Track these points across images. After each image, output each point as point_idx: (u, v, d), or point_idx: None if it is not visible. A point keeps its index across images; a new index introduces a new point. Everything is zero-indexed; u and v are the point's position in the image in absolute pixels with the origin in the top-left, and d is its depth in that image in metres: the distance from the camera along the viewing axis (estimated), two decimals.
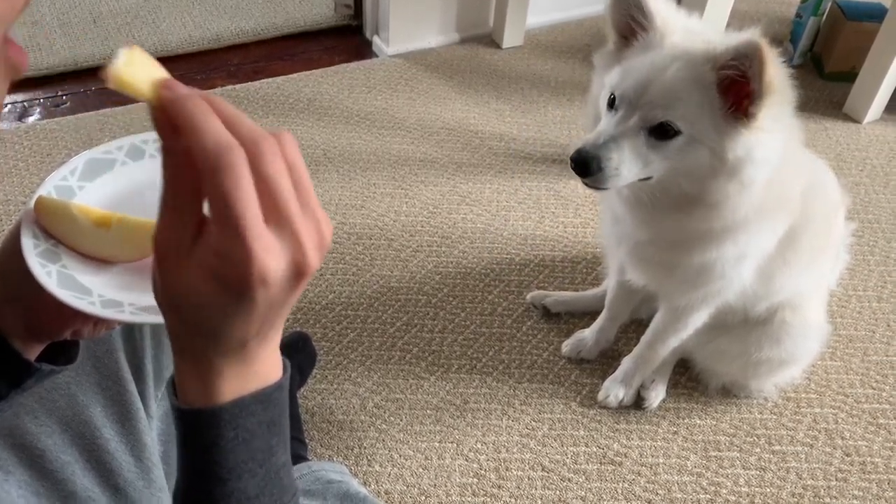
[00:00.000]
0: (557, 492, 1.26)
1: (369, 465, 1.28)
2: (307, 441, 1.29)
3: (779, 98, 0.90)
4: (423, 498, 1.24)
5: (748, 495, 1.28)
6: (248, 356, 0.46)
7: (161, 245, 0.42)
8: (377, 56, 2.30)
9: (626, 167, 0.96)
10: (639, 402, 1.39)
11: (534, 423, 1.36)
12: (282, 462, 0.50)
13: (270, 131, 0.42)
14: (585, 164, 0.96)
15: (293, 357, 1.33)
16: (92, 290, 0.56)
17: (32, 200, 0.58)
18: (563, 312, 1.54)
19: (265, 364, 0.47)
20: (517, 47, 2.35)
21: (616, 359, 1.44)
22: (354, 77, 2.18)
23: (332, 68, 2.22)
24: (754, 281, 1.16)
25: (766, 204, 1.02)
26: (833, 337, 1.50)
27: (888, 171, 1.97)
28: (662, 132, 0.93)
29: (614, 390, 1.38)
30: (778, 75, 0.88)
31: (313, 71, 2.20)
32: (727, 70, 0.88)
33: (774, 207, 1.06)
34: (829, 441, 1.36)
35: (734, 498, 1.27)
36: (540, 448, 1.32)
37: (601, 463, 1.31)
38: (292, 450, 1.19)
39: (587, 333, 1.46)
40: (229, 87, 2.10)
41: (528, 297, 1.55)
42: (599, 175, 0.96)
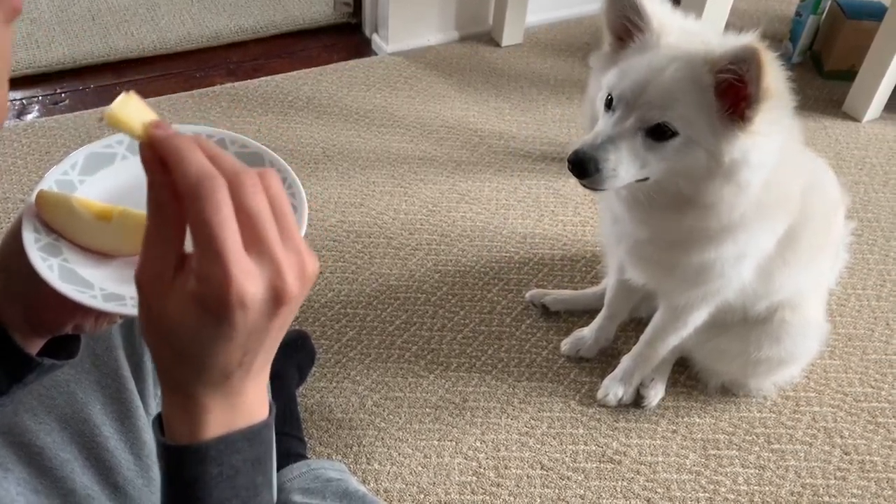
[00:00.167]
0: (557, 490, 1.26)
1: (368, 464, 1.28)
2: (306, 439, 1.28)
3: (776, 102, 0.90)
4: (422, 496, 1.24)
5: (747, 494, 1.28)
6: (233, 390, 0.46)
7: (144, 277, 0.43)
8: (376, 54, 2.30)
9: (623, 168, 0.95)
10: (638, 401, 1.39)
11: (533, 422, 1.36)
12: (266, 502, 0.50)
13: (256, 170, 0.44)
14: (583, 165, 0.95)
15: (292, 355, 1.33)
16: (93, 284, 0.56)
17: (33, 195, 0.58)
18: (563, 311, 1.54)
19: (251, 400, 0.48)
20: (516, 45, 2.35)
21: (615, 357, 1.44)
22: (353, 75, 2.18)
23: (332, 66, 2.21)
24: (754, 280, 1.16)
25: (765, 204, 1.02)
26: (832, 336, 1.50)
27: (887, 169, 1.97)
28: (659, 133, 0.93)
29: (613, 389, 1.38)
30: (776, 80, 0.88)
31: (312, 69, 2.19)
32: (725, 73, 0.88)
33: (774, 207, 1.05)
34: (828, 439, 1.36)
35: (733, 496, 1.27)
36: (539, 446, 1.32)
37: (600, 461, 1.31)
38: (292, 448, 1.20)
39: (586, 332, 1.46)
40: (228, 84, 2.10)
41: (527, 295, 1.55)
42: (597, 176, 0.96)
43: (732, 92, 0.89)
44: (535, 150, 1.96)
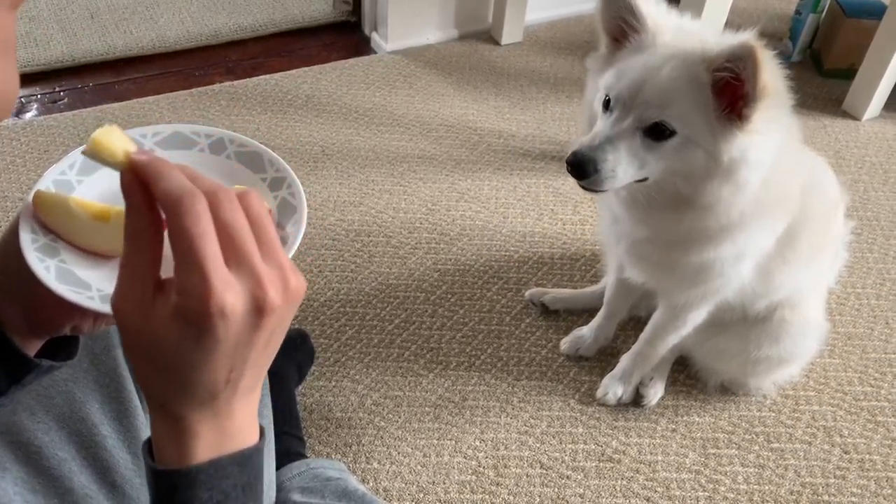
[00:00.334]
0: (556, 489, 1.26)
1: (367, 463, 1.28)
2: (305, 438, 1.28)
3: (774, 101, 0.89)
4: (422, 495, 1.24)
5: (746, 493, 1.28)
6: (221, 410, 0.46)
7: (122, 302, 0.44)
8: (375, 52, 2.29)
9: (622, 168, 0.95)
10: (637, 400, 1.39)
11: (532, 421, 1.36)
12: None
13: (237, 190, 0.45)
14: (581, 166, 0.95)
15: (292, 354, 1.33)
16: (91, 285, 0.56)
17: (30, 195, 0.58)
18: (562, 310, 1.54)
19: (241, 423, 0.47)
20: (516, 44, 2.35)
21: (615, 356, 1.44)
22: (353, 74, 2.18)
23: (331, 65, 2.21)
24: (753, 279, 1.16)
25: (764, 203, 1.01)
26: (832, 335, 1.50)
27: (887, 168, 1.97)
28: (658, 132, 0.93)
29: (613, 388, 1.38)
30: (773, 79, 0.87)
31: (311, 67, 2.19)
32: (721, 71, 0.88)
33: (773, 206, 1.05)
34: (828, 438, 1.36)
35: (732, 495, 1.27)
36: (538, 445, 1.32)
37: (600, 460, 1.31)
38: (292, 447, 1.20)
39: (586, 331, 1.46)
40: (227, 83, 2.10)
41: (527, 294, 1.55)
42: (596, 177, 0.96)
43: (730, 90, 0.89)
44: (535, 149, 1.96)
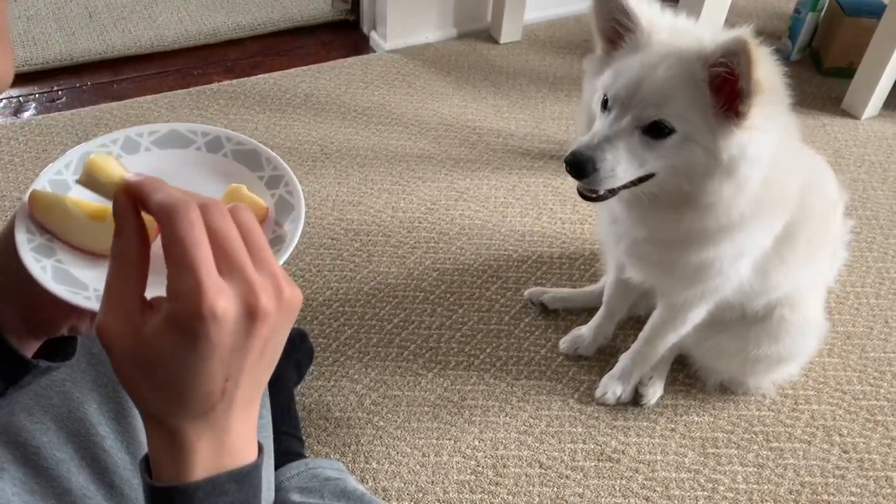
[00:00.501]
0: (555, 489, 1.26)
1: (366, 462, 1.28)
2: (304, 438, 1.28)
3: (770, 97, 0.89)
4: (421, 495, 1.24)
5: (746, 492, 1.28)
6: (218, 423, 0.46)
7: (110, 320, 0.44)
8: (374, 51, 2.29)
9: (621, 167, 0.95)
10: (637, 399, 1.39)
11: (531, 420, 1.36)
12: None
13: (228, 205, 0.46)
14: (580, 165, 0.95)
15: (291, 354, 1.33)
16: (88, 285, 0.55)
17: (27, 195, 0.57)
18: (561, 309, 1.54)
19: (238, 437, 0.47)
20: (515, 42, 2.34)
21: (614, 355, 1.44)
22: (351, 72, 2.18)
23: (329, 64, 2.21)
24: (752, 277, 1.16)
25: (763, 202, 1.01)
26: (831, 334, 1.49)
27: (886, 167, 1.97)
28: (656, 131, 0.93)
29: (612, 387, 1.38)
30: (767, 73, 0.87)
31: (310, 66, 2.19)
32: (717, 68, 0.88)
33: (772, 205, 1.05)
34: (827, 438, 1.36)
35: (732, 495, 1.27)
36: (538, 445, 1.32)
37: (599, 460, 1.31)
38: (290, 447, 1.20)
39: (585, 330, 1.46)
40: (226, 82, 2.10)
41: (526, 293, 1.55)
42: (595, 176, 0.95)
43: (727, 88, 0.89)
44: (534, 148, 1.96)
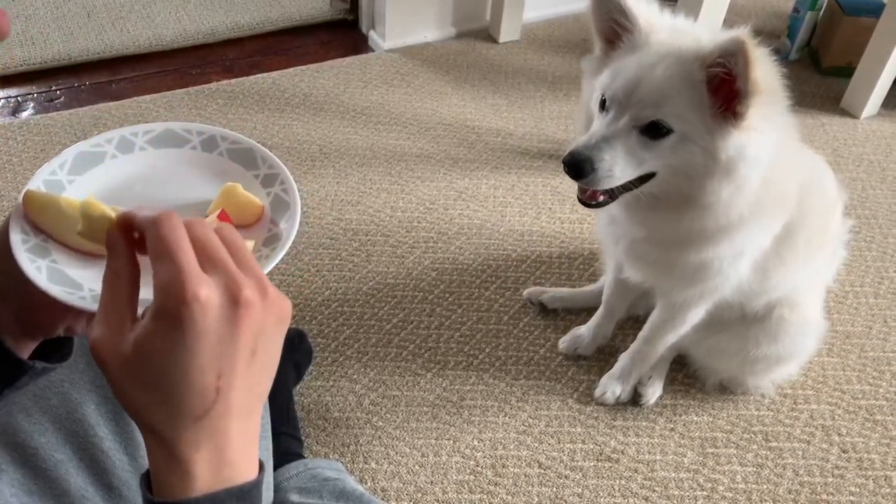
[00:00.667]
0: (554, 489, 1.26)
1: (365, 463, 1.27)
2: (303, 438, 1.28)
3: (768, 97, 0.89)
4: (420, 495, 1.24)
5: (745, 492, 1.28)
6: (216, 432, 0.45)
7: (102, 334, 0.45)
8: (373, 51, 2.29)
9: (618, 168, 0.95)
10: (636, 399, 1.39)
11: (531, 420, 1.35)
12: None
13: (214, 227, 0.48)
14: (578, 165, 0.95)
15: (290, 354, 1.32)
16: (83, 285, 0.55)
17: (21, 195, 0.57)
18: (560, 309, 1.54)
19: (239, 452, 0.47)
20: (514, 42, 2.34)
21: (613, 355, 1.44)
22: (350, 72, 2.17)
23: (328, 63, 2.21)
24: (751, 277, 1.16)
25: (762, 202, 1.01)
26: (830, 333, 1.49)
27: (885, 166, 1.97)
28: (654, 131, 0.93)
29: (611, 387, 1.38)
30: (765, 74, 0.87)
31: (309, 66, 2.19)
32: (715, 68, 0.88)
33: (771, 205, 1.05)
34: (826, 437, 1.36)
35: (731, 494, 1.27)
36: (537, 445, 1.32)
37: (598, 460, 1.31)
38: (289, 447, 1.20)
39: (584, 330, 1.46)
40: (224, 82, 2.09)
41: (525, 293, 1.55)
42: (593, 176, 0.95)
43: (725, 88, 0.89)
44: (533, 148, 1.96)
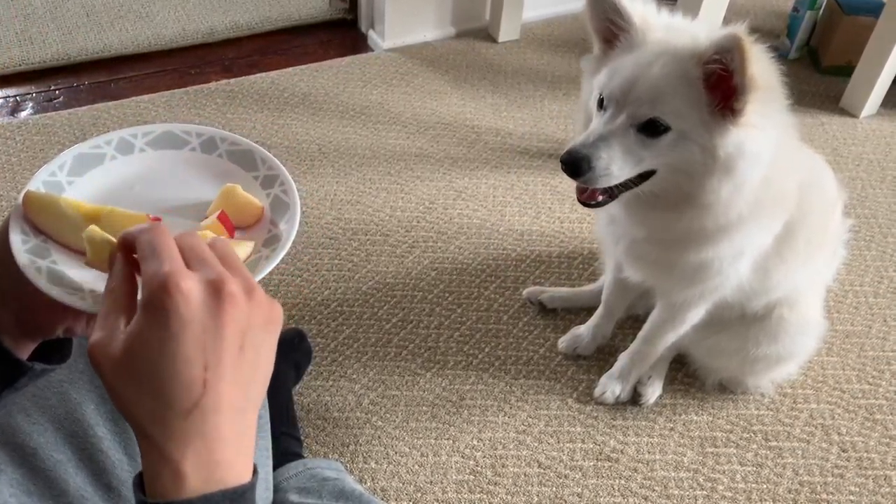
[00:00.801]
0: (554, 488, 1.26)
1: (365, 463, 1.27)
2: (302, 438, 1.28)
3: (766, 94, 0.89)
4: (419, 495, 1.24)
5: (745, 491, 1.28)
6: (206, 429, 0.45)
7: (99, 339, 0.46)
8: (373, 50, 2.29)
9: (616, 166, 0.95)
10: (635, 399, 1.39)
11: (530, 420, 1.35)
12: None
13: (208, 240, 0.50)
14: (576, 164, 0.95)
15: (289, 354, 1.32)
16: (83, 286, 0.55)
17: (21, 196, 0.57)
18: (560, 308, 1.54)
19: (232, 452, 0.47)
20: (513, 41, 2.34)
21: (613, 355, 1.44)
22: (350, 71, 2.17)
23: (327, 63, 2.21)
24: (751, 277, 1.16)
25: (762, 201, 1.01)
26: (830, 333, 1.49)
27: (885, 165, 1.97)
28: (652, 129, 0.93)
29: (611, 386, 1.38)
30: (762, 70, 0.87)
31: (308, 65, 2.19)
32: (712, 65, 0.88)
33: (770, 205, 1.05)
34: (826, 437, 1.36)
35: (731, 494, 1.27)
36: (536, 444, 1.32)
37: (598, 459, 1.30)
38: (289, 447, 1.20)
39: (583, 329, 1.46)
40: (223, 81, 2.09)
41: (525, 293, 1.55)
42: (590, 174, 0.95)
43: (723, 85, 0.89)
44: (532, 147, 1.95)
